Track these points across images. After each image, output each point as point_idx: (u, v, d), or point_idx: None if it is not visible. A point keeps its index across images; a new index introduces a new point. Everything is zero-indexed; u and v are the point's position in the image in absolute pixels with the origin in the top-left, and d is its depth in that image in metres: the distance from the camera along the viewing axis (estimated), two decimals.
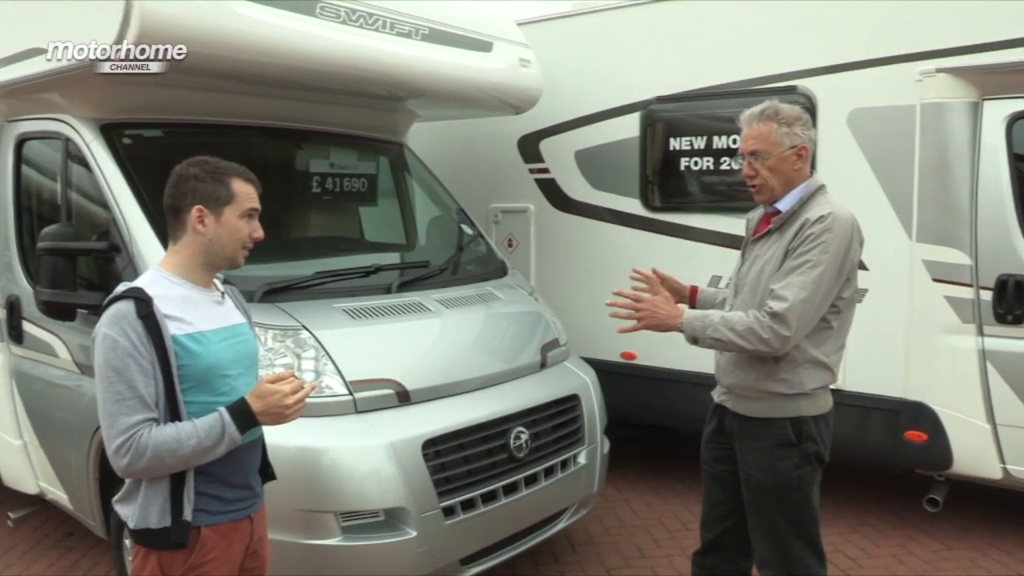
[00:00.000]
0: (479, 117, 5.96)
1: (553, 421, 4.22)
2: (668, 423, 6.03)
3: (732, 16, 5.26)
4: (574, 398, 4.38)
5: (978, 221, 4.51)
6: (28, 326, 4.40)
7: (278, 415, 2.27)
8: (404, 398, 3.71)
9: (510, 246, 6.40)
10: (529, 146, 6.24)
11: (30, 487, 4.65)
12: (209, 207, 2.32)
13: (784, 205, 3.00)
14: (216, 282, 2.48)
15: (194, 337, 2.28)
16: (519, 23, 5.68)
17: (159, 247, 3.72)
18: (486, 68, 5.05)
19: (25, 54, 4.03)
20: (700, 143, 5.39)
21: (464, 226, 5.34)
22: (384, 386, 3.68)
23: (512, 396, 4.09)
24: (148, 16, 3.42)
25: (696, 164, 5.43)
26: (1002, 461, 4.56)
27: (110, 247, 3.84)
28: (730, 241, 4.93)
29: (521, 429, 3.96)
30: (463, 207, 5.48)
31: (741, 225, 3.34)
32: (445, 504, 3.58)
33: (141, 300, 2.21)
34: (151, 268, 2.39)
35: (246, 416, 2.24)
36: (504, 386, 4.15)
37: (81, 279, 3.98)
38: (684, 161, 5.48)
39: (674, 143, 5.51)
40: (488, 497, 3.77)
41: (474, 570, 3.80)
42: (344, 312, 3.90)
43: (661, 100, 5.56)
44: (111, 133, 4.07)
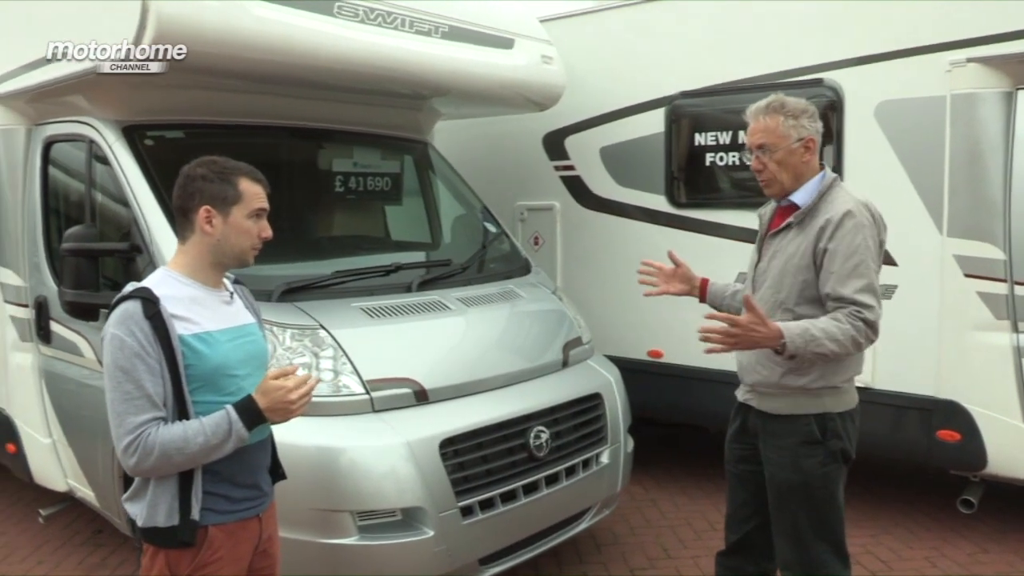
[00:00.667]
0: (503, 115, 5.94)
1: (575, 420, 4.18)
2: (695, 422, 5.96)
3: (757, 9, 5.18)
4: (596, 397, 4.34)
5: (1011, 214, 4.38)
6: (55, 326, 4.46)
7: (283, 411, 2.26)
8: (422, 397, 3.70)
9: (536, 244, 6.37)
10: (554, 143, 6.20)
11: (59, 485, 4.72)
12: (217, 207, 2.31)
13: (801, 199, 2.96)
14: (226, 282, 2.49)
15: (201, 337, 2.28)
16: (542, 20, 5.65)
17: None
18: (508, 65, 5.02)
19: (46, 59, 4.08)
20: (726, 138, 5.31)
21: (488, 224, 5.32)
22: (402, 385, 3.67)
23: (532, 395, 4.06)
24: (164, 19, 3.44)
25: (722, 159, 5.35)
26: None
27: (131, 247, 3.87)
28: (756, 237, 4.83)
29: (541, 428, 3.93)
30: (488, 205, 5.47)
31: None
32: (463, 504, 3.56)
33: (148, 300, 2.21)
34: (160, 268, 2.40)
35: (252, 413, 2.24)
36: (524, 385, 4.12)
37: (106, 279, 4.04)
38: (710, 156, 5.40)
39: (699, 138, 5.44)
40: (507, 497, 3.75)
41: (494, 570, 3.78)
42: (363, 311, 3.90)
43: (686, 95, 5.48)
44: (133, 135, 4.12)
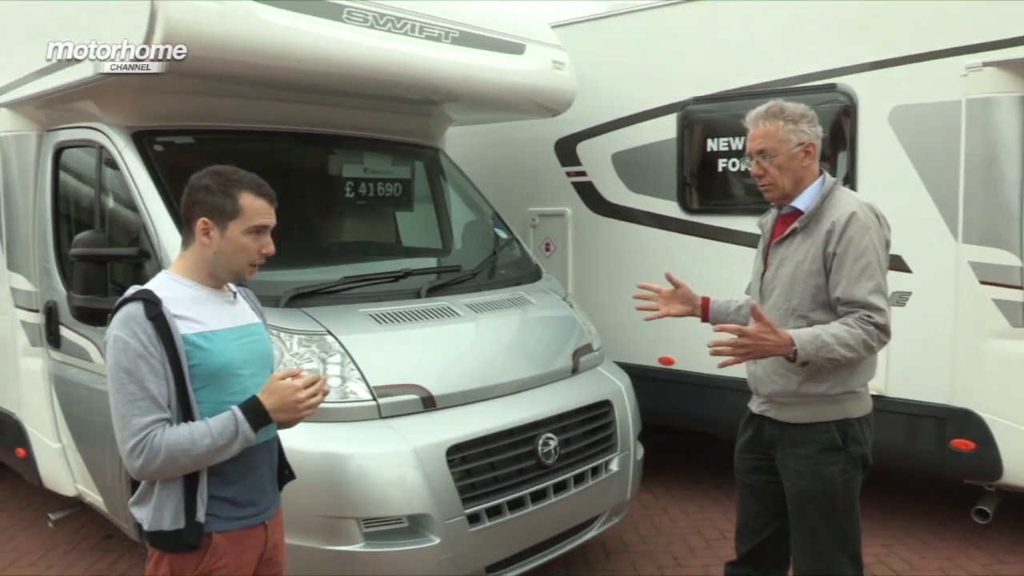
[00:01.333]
0: (514, 120, 5.93)
1: (584, 427, 4.16)
2: (706, 430, 5.90)
3: (769, 14, 5.14)
4: (606, 404, 4.31)
5: None
6: (65, 331, 4.48)
7: (291, 411, 2.25)
8: (429, 404, 3.68)
9: (548, 250, 6.35)
10: (566, 149, 6.18)
11: (68, 489, 4.73)
12: (214, 220, 2.30)
13: (803, 204, 2.94)
14: (228, 284, 2.48)
15: (205, 336, 2.27)
16: (554, 25, 5.63)
17: None
18: (518, 70, 5.00)
19: (56, 66, 4.09)
20: (738, 144, 5.26)
21: (498, 230, 5.30)
22: (409, 391, 3.65)
23: (541, 402, 4.03)
24: (172, 24, 3.44)
25: (734, 165, 5.32)
26: None
27: (140, 253, 3.88)
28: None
29: (550, 435, 3.90)
30: (500, 211, 5.46)
31: None
32: (470, 511, 3.54)
33: (150, 301, 2.20)
34: (161, 272, 2.39)
35: (259, 413, 2.22)
36: (533, 392, 4.09)
37: (115, 284, 4.04)
38: (722, 162, 5.37)
39: (712, 144, 5.40)
40: (515, 504, 3.72)
41: None
42: (371, 317, 3.88)
43: (698, 100, 5.45)
44: (143, 140, 4.12)
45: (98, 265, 3.88)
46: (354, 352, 3.64)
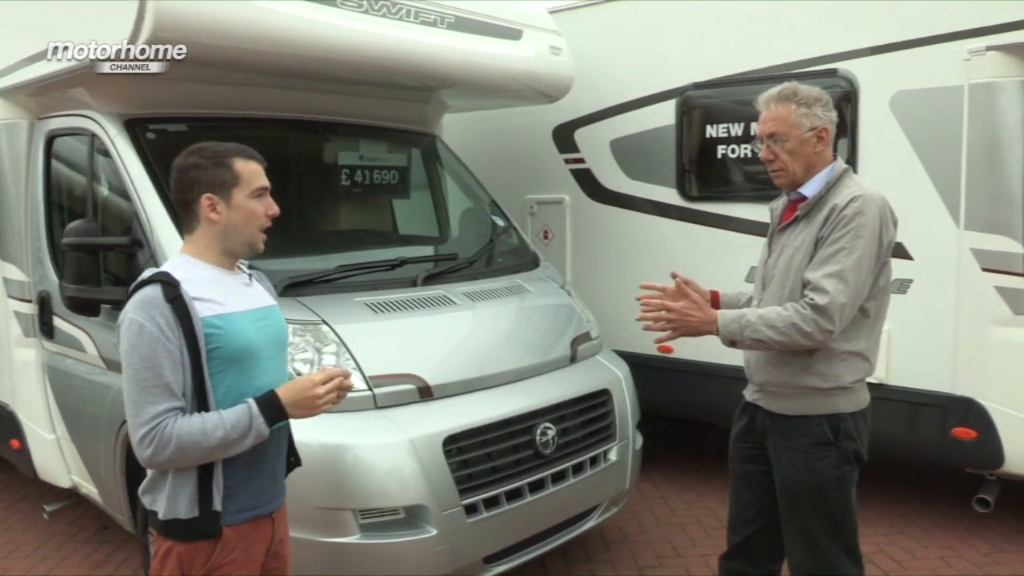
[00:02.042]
0: (511, 107, 5.88)
1: (582, 417, 4.12)
2: (706, 418, 5.87)
3: None
4: (604, 393, 4.28)
5: None
6: (58, 321, 4.43)
7: (308, 406, 2.24)
8: (426, 394, 3.64)
9: (546, 238, 6.31)
10: (564, 136, 6.13)
11: (63, 481, 4.70)
12: (218, 193, 2.26)
13: (809, 190, 2.86)
14: (241, 266, 2.44)
15: (225, 318, 2.23)
16: (552, 11, 5.58)
17: (180, 242, 3.66)
18: (515, 56, 4.94)
19: (47, 52, 4.03)
20: (738, 130, 5.22)
21: (496, 218, 5.25)
22: (405, 381, 3.61)
23: (539, 391, 3.99)
24: (163, 11, 3.38)
25: (734, 152, 5.26)
26: None
27: (132, 242, 3.82)
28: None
29: (548, 425, 3.86)
30: (498, 199, 5.40)
31: None
32: (467, 502, 3.50)
33: (168, 284, 2.16)
34: (176, 255, 2.35)
35: (275, 408, 2.21)
36: (531, 381, 4.06)
37: (108, 274, 4.00)
38: (721, 149, 5.31)
39: (711, 130, 5.34)
40: (512, 495, 3.69)
41: (499, 569, 3.72)
42: (366, 306, 3.84)
43: (698, 86, 5.40)
44: (135, 128, 4.07)
45: (90, 254, 3.83)
46: (349, 341, 3.60)
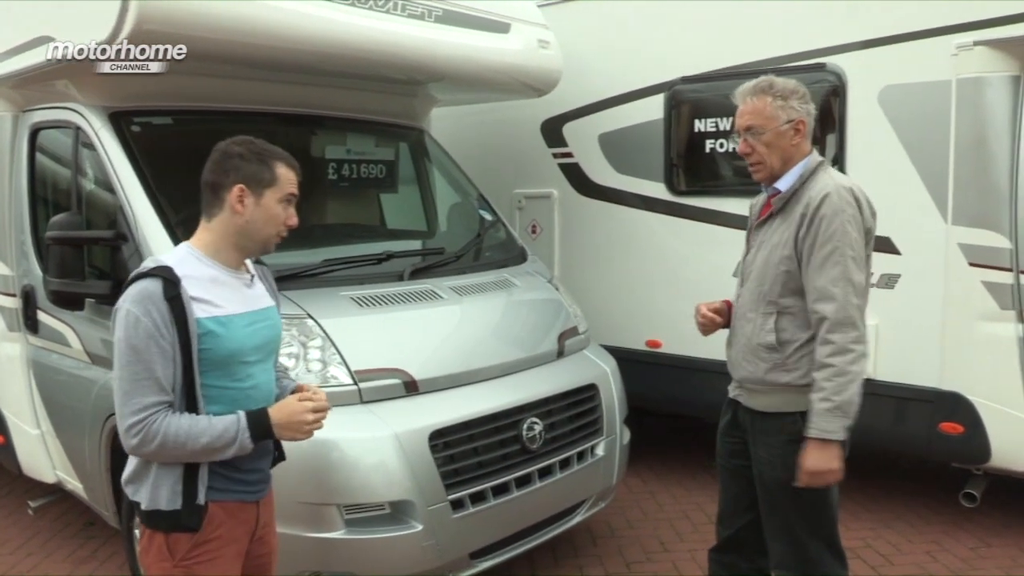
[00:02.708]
0: (499, 101, 5.84)
1: (569, 412, 4.11)
2: (693, 413, 5.87)
3: None
4: (591, 388, 4.27)
5: (1018, 202, 4.26)
6: (42, 316, 4.39)
7: (295, 430, 2.27)
8: (412, 388, 3.62)
9: (534, 232, 6.29)
10: (552, 130, 6.11)
11: (48, 476, 4.66)
12: (251, 187, 2.26)
13: (784, 184, 2.86)
14: (247, 264, 2.43)
15: (220, 321, 2.23)
16: (540, 5, 5.55)
17: (165, 236, 3.68)
18: (503, 50, 4.91)
19: (31, 44, 4.00)
20: (726, 124, 5.20)
21: (483, 212, 5.23)
22: (391, 376, 3.60)
23: (526, 386, 3.98)
24: (147, 5, 3.35)
25: (722, 146, 5.25)
26: None
27: (116, 236, 3.79)
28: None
29: (535, 420, 3.85)
30: (486, 193, 5.38)
31: None
32: (453, 497, 3.49)
33: (169, 281, 2.16)
34: (182, 245, 2.34)
35: (263, 427, 2.23)
36: (518, 376, 4.04)
37: (92, 268, 3.96)
38: (710, 143, 5.30)
39: (699, 125, 5.34)
40: (499, 490, 3.68)
41: (485, 564, 3.71)
42: (352, 300, 3.82)
43: (686, 80, 5.38)
44: (120, 121, 4.03)
45: (74, 248, 3.80)
46: (335, 336, 3.58)
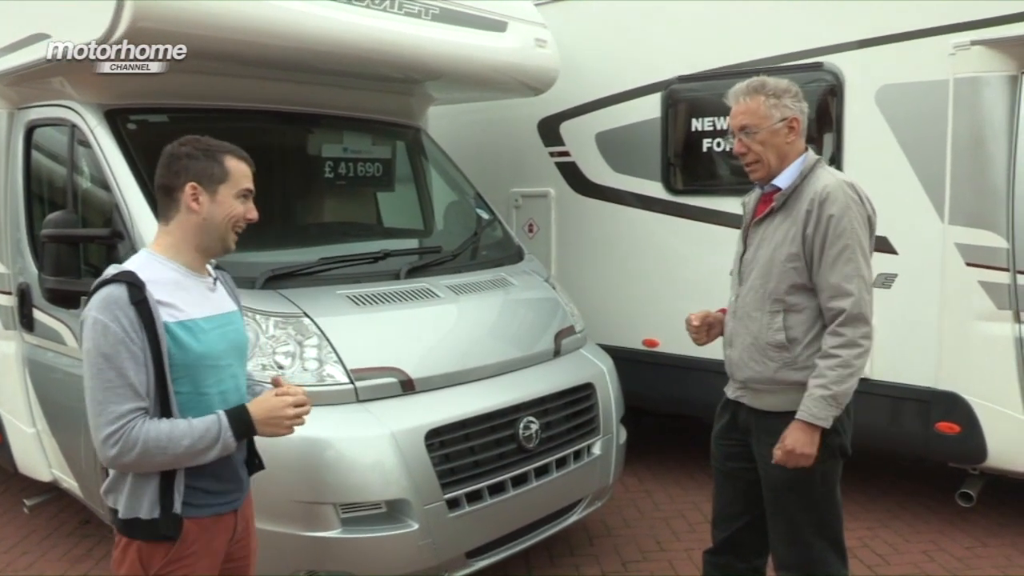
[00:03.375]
0: (496, 99, 5.83)
1: (566, 411, 4.11)
2: (690, 412, 5.86)
3: None
4: (588, 387, 4.26)
5: (1015, 202, 4.26)
6: (38, 314, 4.38)
7: (276, 425, 2.24)
8: (408, 387, 3.62)
9: (531, 231, 6.28)
10: (549, 129, 6.10)
11: (43, 475, 4.65)
12: (203, 184, 2.24)
13: (783, 181, 2.87)
14: (208, 267, 2.41)
15: (185, 325, 2.20)
16: (537, 3, 5.54)
17: None
18: (500, 48, 4.90)
19: (26, 41, 4.00)
20: (723, 123, 5.17)
21: (480, 211, 5.22)
22: (387, 375, 3.59)
23: (522, 385, 3.98)
24: (143, 3, 3.35)
25: (719, 145, 5.24)
26: None
27: (112, 234, 3.79)
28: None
29: (531, 419, 3.85)
30: (483, 192, 5.38)
31: None
32: (449, 496, 3.49)
33: (134, 285, 2.12)
34: (142, 250, 2.31)
35: (244, 423, 2.20)
36: (514, 375, 4.04)
37: (88, 266, 3.95)
38: (707, 142, 5.30)
39: (697, 124, 5.33)
40: (495, 489, 3.67)
41: (482, 563, 3.71)
42: (348, 299, 3.81)
43: (683, 80, 5.37)
44: (115, 119, 4.02)
45: (70, 246, 3.79)
46: (331, 334, 3.57)
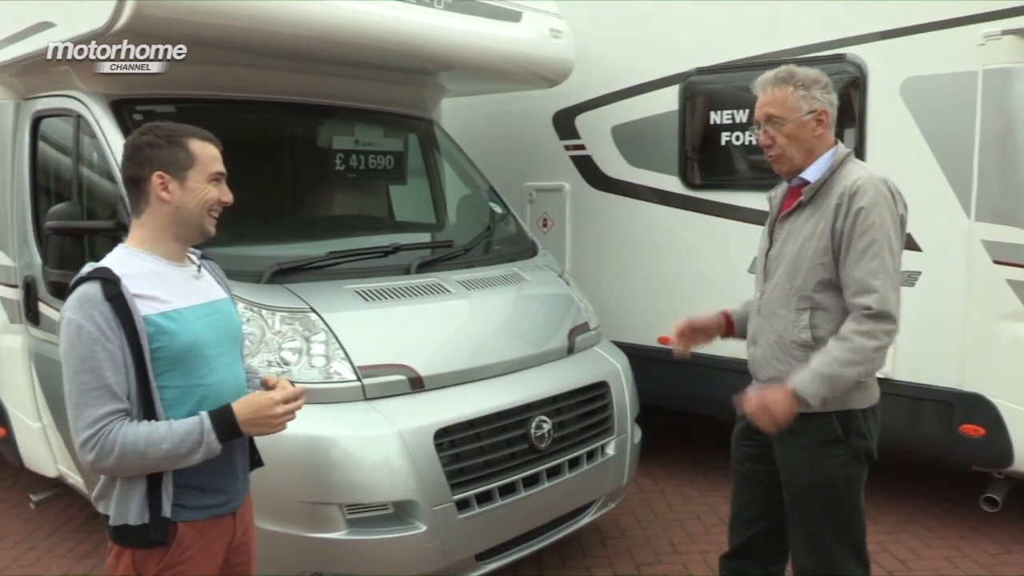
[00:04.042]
0: (510, 91, 5.74)
1: (579, 410, 4.01)
2: (706, 411, 5.76)
3: None
4: (602, 385, 4.16)
5: None
6: (44, 307, 4.32)
7: (264, 424, 2.14)
8: (417, 385, 3.53)
9: (545, 226, 6.19)
10: (564, 122, 6.00)
11: (49, 470, 4.59)
12: (170, 172, 2.15)
13: (812, 175, 2.75)
14: (192, 256, 2.32)
15: (169, 316, 2.12)
16: None
17: None
18: (514, 38, 4.80)
19: (32, 30, 3.95)
20: (742, 116, 5.08)
21: (493, 205, 5.13)
22: (396, 372, 3.50)
23: (535, 383, 3.88)
24: None
25: (738, 139, 5.13)
26: None
27: (117, 226, 3.70)
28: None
29: (543, 418, 3.75)
30: (496, 186, 5.28)
31: None
32: (458, 497, 3.40)
33: (108, 280, 2.04)
34: (118, 246, 2.22)
35: (228, 424, 2.09)
36: (527, 372, 3.94)
37: (93, 259, 3.87)
38: (725, 136, 5.18)
39: (715, 117, 5.21)
40: (506, 490, 3.58)
41: (492, 566, 3.62)
42: (357, 294, 3.73)
43: (701, 71, 5.26)
44: (121, 109, 3.95)
45: (74, 239, 3.72)
46: (338, 330, 3.49)
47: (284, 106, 4.57)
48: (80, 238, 3.76)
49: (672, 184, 5.46)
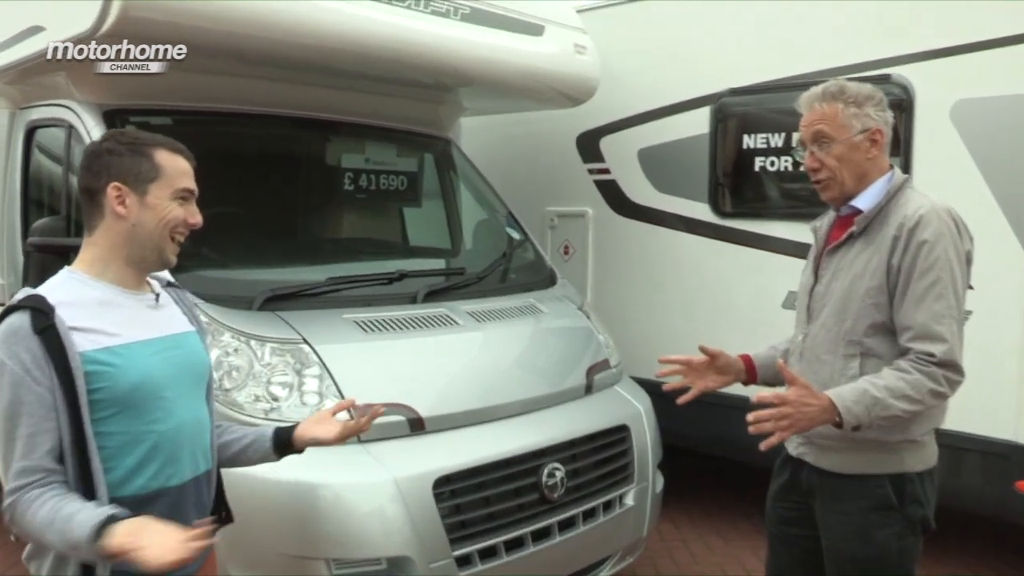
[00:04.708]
0: (531, 110, 5.47)
1: (596, 456, 3.70)
2: (736, 457, 5.40)
3: None
4: (623, 429, 3.85)
5: None
6: None
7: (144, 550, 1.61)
8: (417, 426, 3.24)
9: (566, 253, 5.90)
10: (588, 144, 5.73)
11: None
12: (129, 184, 1.86)
13: (864, 203, 2.43)
14: (153, 282, 2.03)
15: (113, 351, 1.83)
16: (579, 10, 5.19)
17: None
18: (536, 53, 4.54)
19: (23, 34, 3.76)
20: (778, 140, 4.78)
21: (511, 231, 4.85)
22: (394, 412, 3.19)
23: (548, 426, 3.58)
24: None
25: (773, 164, 4.83)
26: None
27: None
28: (810, 254, 4.34)
29: (556, 465, 3.44)
30: (515, 210, 5.03)
31: None
32: (459, 553, 3.10)
33: (39, 311, 1.76)
34: (63, 269, 1.93)
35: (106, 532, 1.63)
36: (540, 414, 3.65)
37: None
38: (759, 161, 4.88)
39: (748, 141, 4.91)
40: (513, 545, 3.27)
41: None
42: (355, 324, 3.45)
43: (734, 92, 4.97)
44: (115, 120, 3.75)
45: (58, 256, 3.47)
46: (332, 364, 3.22)
47: (288, 120, 4.34)
48: (65, 256, 3.50)
49: (702, 212, 5.17)
